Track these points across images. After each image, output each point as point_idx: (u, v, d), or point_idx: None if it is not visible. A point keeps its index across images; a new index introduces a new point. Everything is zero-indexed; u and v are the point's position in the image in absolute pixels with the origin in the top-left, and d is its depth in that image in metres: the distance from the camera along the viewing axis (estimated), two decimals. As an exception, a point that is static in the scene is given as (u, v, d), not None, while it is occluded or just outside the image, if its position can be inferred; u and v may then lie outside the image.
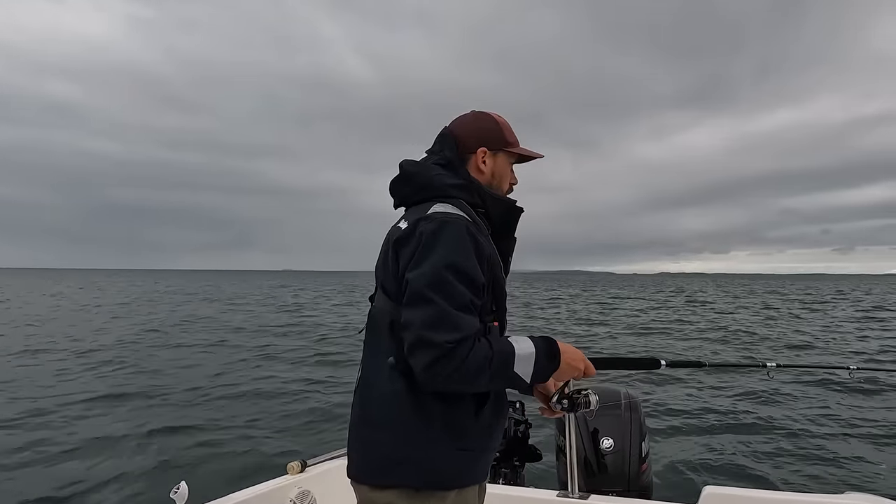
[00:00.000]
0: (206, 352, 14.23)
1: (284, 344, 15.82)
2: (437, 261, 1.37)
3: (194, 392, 9.66)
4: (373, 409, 1.47)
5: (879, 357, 13.20)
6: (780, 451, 6.27)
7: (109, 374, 11.14)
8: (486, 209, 1.56)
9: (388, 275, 1.48)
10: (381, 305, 1.51)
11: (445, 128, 1.66)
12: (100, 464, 5.95)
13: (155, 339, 16.38)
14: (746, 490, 2.33)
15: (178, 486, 2.02)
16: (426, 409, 1.41)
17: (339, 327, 20.05)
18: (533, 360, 1.41)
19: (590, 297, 45.88)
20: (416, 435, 1.41)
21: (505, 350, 1.39)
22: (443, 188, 1.53)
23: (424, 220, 1.44)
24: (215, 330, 19.10)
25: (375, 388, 1.48)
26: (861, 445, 6.43)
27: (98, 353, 13.47)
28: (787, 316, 25.23)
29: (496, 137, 1.63)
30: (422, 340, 1.31)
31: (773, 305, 31.53)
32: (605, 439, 2.87)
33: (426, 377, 1.33)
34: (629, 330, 19.65)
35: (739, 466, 5.81)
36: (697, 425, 7.32)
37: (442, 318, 1.32)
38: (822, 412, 7.90)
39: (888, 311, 27.82)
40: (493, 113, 1.67)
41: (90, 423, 7.58)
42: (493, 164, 1.63)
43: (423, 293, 1.34)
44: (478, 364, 1.33)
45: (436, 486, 1.42)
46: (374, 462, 1.45)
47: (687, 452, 6.21)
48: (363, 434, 1.49)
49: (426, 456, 1.41)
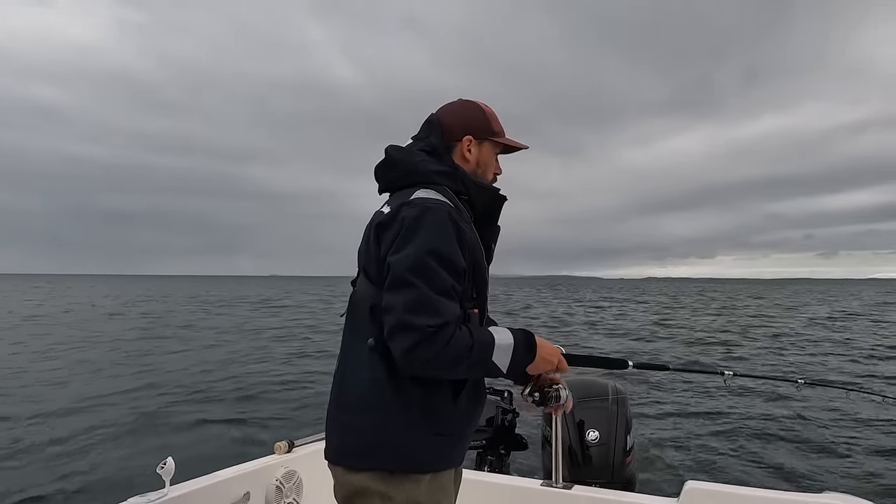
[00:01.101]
0: (194, 348, 14.22)
1: (275, 342, 15.80)
2: (418, 245, 1.37)
3: (181, 376, 9.68)
4: (351, 393, 1.48)
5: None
6: (762, 449, 6.34)
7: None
8: (470, 197, 1.56)
9: (371, 259, 1.47)
10: (363, 290, 1.51)
11: (432, 114, 1.65)
12: (85, 442, 5.95)
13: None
14: (727, 486, 2.36)
15: (165, 462, 2.02)
16: (404, 394, 1.41)
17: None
18: (511, 351, 1.43)
19: (554, 297, 46.18)
20: (393, 419, 1.42)
21: (485, 340, 1.39)
22: (427, 174, 1.53)
23: (406, 205, 1.44)
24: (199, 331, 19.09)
25: (354, 372, 1.48)
26: (840, 448, 6.51)
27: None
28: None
29: (482, 126, 1.63)
30: (402, 324, 1.31)
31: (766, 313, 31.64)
32: (591, 431, 2.90)
33: (405, 361, 1.33)
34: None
35: (721, 463, 5.88)
36: (682, 422, 7.41)
37: (423, 302, 1.32)
38: (803, 414, 7.99)
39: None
40: (480, 102, 1.67)
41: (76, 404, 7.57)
42: (479, 152, 1.62)
43: (405, 277, 1.34)
44: (458, 351, 1.33)
45: (411, 469, 1.42)
46: (350, 445, 1.45)
47: (671, 448, 6.28)
48: (340, 417, 1.49)
49: (403, 440, 1.42)
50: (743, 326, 21.14)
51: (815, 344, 16.23)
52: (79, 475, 5.09)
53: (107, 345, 13.91)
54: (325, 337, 15.99)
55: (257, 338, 16.10)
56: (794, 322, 23.50)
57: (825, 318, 26.08)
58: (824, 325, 22.72)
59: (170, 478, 2.05)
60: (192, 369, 10.38)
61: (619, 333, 18.99)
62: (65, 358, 11.86)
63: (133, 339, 15.43)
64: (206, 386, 9.00)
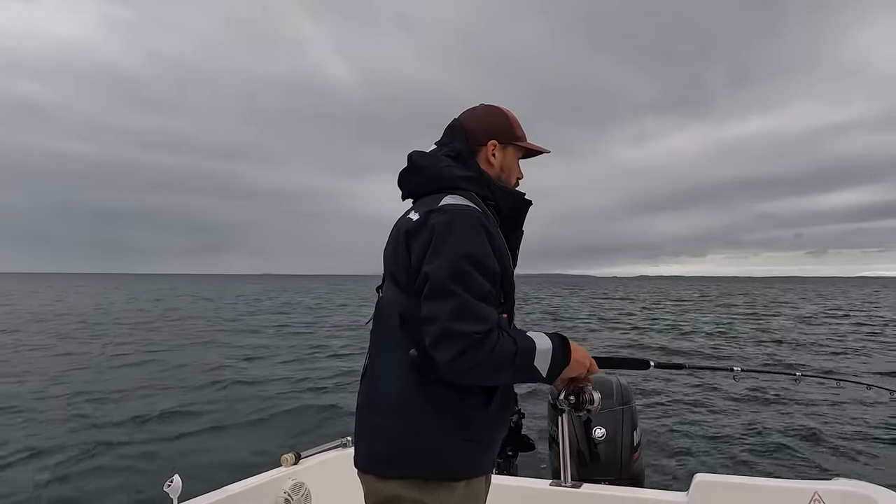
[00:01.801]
0: (192, 350, 14.20)
1: (277, 342, 15.79)
2: (454, 253, 1.36)
3: (185, 387, 9.64)
4: (381, 400, 1.47)
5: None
6: (771, 439, 6.34)
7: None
8: (496, 201, 1.56)
9: (400, 266, 1.46)
10: (391, 297, 1.50)
11: (455, 119, 1.64)
12: (92, 458, 5.93)
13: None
14: (737, 477, 2.36)
15: (172, 480, 2.02)
16: (436, 401, 1.41)
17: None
18: (550, 355, 1.43)
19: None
20: (425, 426, 1.41)
21: (527, 345, 1.40)
22: (453, 180, 1.52)
23: (436, 211, 1.43)
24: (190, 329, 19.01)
25: (384, 378, 1.47)
26: (848, 435, 6.51)
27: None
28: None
29: (507, 131, 1.63)
30: (448, 332, 1.31)
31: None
32: (598, 429, 2.89)
33: (452, 369, 1.33)
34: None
35: (730, 455, 5.87)
36: (689, 415, 7.40)
37: (466, 309, 1.32)
38: (810, 403, 7.99)
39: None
40: (503, 107, 1.67)
41: (79, 418, 7.55)
42: (503, 157, 1.62)
43: (445, 286, 1.34)
44: (503, 357, 1.34)
45: (445, 476, 1.42)
46: (381, 452, 1.44)
47: (678, 442, 6.27)
48: (371, 424, 1.48)
49: (435, 447, 1.41)
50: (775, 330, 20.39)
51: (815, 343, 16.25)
52: (85, 492, 5.07)
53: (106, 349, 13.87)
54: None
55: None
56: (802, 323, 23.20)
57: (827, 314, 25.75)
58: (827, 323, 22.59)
59: (177, 495, 2.04)
60: (192, 377, 10.36)
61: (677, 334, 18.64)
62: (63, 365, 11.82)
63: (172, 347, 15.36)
64: (209, 386, 9.01)
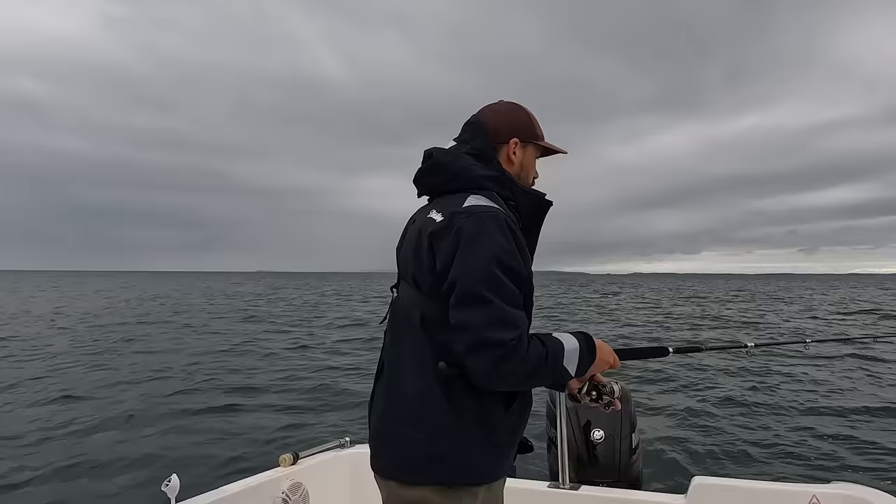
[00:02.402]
0: (189, 343, 14.18)
1: (273, 337, 15.79)
2: (484, 257, 1.34)
3: (182, 383, 9.62)
4: (402, 405, 1.44)
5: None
6: (769, 442, 6.33)
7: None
8: (516, 202, 1.52)
9: (422, 268, 1.43)
10: (410, 298, 1.48)
11: (474, 116, 1.60)
12: (89, 457, 5.92)
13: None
14: (735, 480, 2.36)
15: (169, 479, 2.01)
16: (459, 406, 1.39)
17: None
18: (577, 354, 1.43)
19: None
20: (448, 431, 1.39)
21: (556, 347, 1.39)
22: (475, 179, 1.48)
23: (462, 213, 1.39)
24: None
25: (406, 384, 1.45)
26: (848, 436, 6.51)
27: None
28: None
29: (528, 129, 1.60)
30: (485, 340, 1.29)
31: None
32: (596, 431, 2.89)
33: (490, 376, 1.32)
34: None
35: (729, 458, 5.86)
36: (687, 418, 7.39)
37: (501, 317, 1.31)
38: (809, 406, 8.00)
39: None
40: (523, 104, 1.63)
41: (72, 417, 7.53)
42: (523, 155, 1.59)
43: (478, 292, 1.32)
44: (536, 360, 1.33)
45: (467, 482, 1.41)
46: (404, 458, 1.42)
47: (677, 444, 6.26)
48: (392, 429, 1.46)
49: (459, 452, 1.39)
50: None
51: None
52: (82, 492, 5.06)
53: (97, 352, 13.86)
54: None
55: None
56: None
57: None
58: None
59: (175, 495, 2.04)
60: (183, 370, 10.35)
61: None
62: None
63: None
64: (206, 384, 9.00)
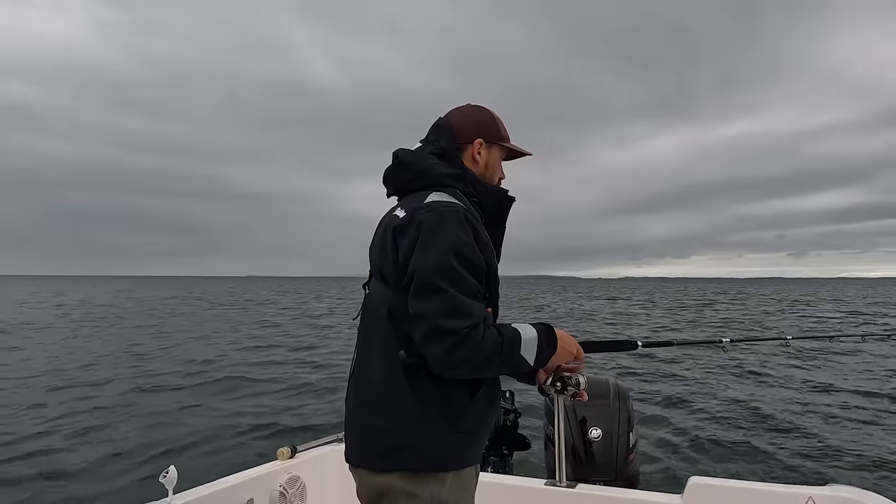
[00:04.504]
0: (189, 340, 14.20)
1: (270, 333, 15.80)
2: (441, 249, 1.40)
3: (181, 378, 9.65)
4: (370, 395, 1.50)
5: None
6: (766, 443, 6.35)
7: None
8: (479, 199, 1.60)
9: (388, 263, 1.49)
10: (378, 293, 1.54)
11: (440, 118, 1.68)
12: (87, 450, 5.94)
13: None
14: (731, 481, 2.36)
15: (167, 471, 2.02)
16: (423, 394, 1.44)
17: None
18: (536, 344, 1.47)
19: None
20: (413, 420, 1.44)
21: (512, 335, 1.44)
22: (438, 177, 1.56)
23: (422, 209, 1.46)
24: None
25: (372, 374, 1.51)
26: (844, 438, 6.52)
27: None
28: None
29: (492, 131, 1.67)
30: (438, 329, 1.34)
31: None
32: (594, 429, 2.90)
33: (443, 364, 1.36)
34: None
35: (725, 458, 5.88)
36: (685, 417, 7.41)
37: (455, 305, 1.36)
38: (804, 407, 8.01)
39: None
40: (488, 108, 1.71)
41: (74, 411, 7.55)
42: (488, 156, 1.66)
43: (434, 283, 1.37)
44: (490, 349, 1.38)
45: (434, 468, 1.45)
46: (372, 447, 1.47)
47: (674, 444, 6.28)
48: (361, 419, 1.52)
49: (424, 439, 1.44)
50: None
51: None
52: (78, 483, 5.07)
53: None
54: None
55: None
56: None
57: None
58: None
59: (172, 486, 2.05)
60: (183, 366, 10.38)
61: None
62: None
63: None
64: (205, 378, 9.01)
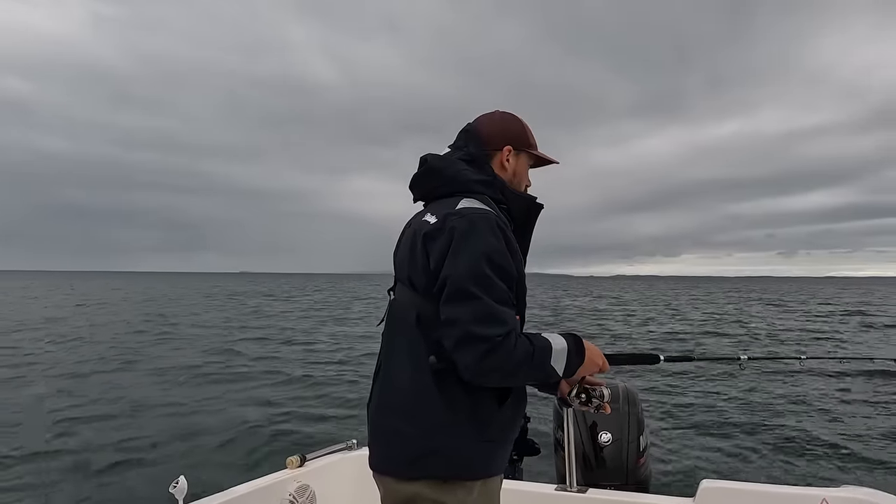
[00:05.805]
0: (193, 345, 14.23)
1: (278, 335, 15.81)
2: (474, 256, 1.39)
3: (186, 384, 9.66)
4: (397, 402, 1.49)
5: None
6: (778, 445, 6.29)
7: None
8: (508, 205, 1.59)
9: (417, 269, 1.48)
10: (405, 299, 1.53)
11: (469, 124, 1.68)
12: (97, 458, 5.95)
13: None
14: (744, 483, 2.34)
15: (177, 481, 2.02)
16: (452, 401, 1.43)
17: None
18: (565, 354, 1.46)
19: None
20: (441, 426, 1.43)
21: (543, 345, 1.42)
22: (468, 183, 1.55)
23: (454, 214, 1.45)
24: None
25: (399, 379, 1.50)
26: (857, 440, 6.46)
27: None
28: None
29: (521, 138, 1.67)
30: (471, 335, 1.33)
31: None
32: (604, 433, 2.88)
33: (474, 371, 1.35)
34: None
35: (737, 461, 5.83)
36: (695, 420, 7.36)
37: (488, 312, 1.35)
38: (817, 407, 7.94)
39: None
40: (517, 115, 1.71)
41: (83, 416, 7.57)
42: (516, 163, 1.67)
43: (467, 289, 1.36)
44: (521, 358, 1.37)
45: (462, 476, 1.44)
46: (399, 454, 1.46)
47: (685, 447, 6.24)
48: (388, 426, 1.51)
49: (451, 446, 1.43)
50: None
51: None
52: (91, 493, 5.08)
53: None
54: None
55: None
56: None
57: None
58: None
59: (182, 496, 2.04)
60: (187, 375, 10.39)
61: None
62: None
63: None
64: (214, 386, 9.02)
